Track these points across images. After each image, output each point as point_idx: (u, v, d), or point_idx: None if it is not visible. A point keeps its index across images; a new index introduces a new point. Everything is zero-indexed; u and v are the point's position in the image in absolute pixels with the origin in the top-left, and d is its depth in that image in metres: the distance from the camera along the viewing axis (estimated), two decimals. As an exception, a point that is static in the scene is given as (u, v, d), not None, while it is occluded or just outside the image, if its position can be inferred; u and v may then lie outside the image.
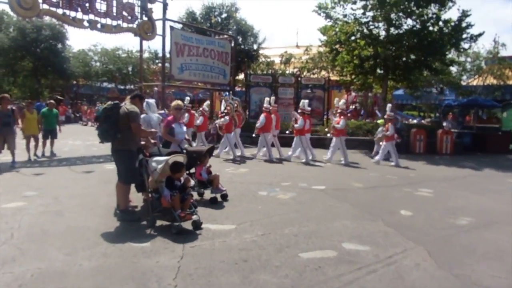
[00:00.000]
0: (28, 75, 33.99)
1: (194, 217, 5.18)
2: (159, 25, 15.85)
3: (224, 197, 6.89)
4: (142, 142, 5.87)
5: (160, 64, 17.80)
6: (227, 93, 15.40)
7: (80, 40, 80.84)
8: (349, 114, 25.26)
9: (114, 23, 14.29)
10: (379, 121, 15.67)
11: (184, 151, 6.57)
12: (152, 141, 6.08)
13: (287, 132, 14.88)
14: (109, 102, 5.59)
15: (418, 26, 16.25)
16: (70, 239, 4.63)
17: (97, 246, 4.44)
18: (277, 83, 20.82)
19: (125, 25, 14.66)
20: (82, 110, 32.84)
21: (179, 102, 6.96)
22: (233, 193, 7.18)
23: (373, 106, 26.67)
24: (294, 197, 7.28)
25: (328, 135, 13.39)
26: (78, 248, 4.34)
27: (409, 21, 16.61)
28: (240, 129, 13.74)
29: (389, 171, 10.77)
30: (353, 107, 25.56)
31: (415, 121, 23.21)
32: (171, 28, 16.74)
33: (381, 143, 12.80)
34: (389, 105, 13.06)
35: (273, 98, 13.99)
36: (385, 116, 12.99)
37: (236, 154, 12.80)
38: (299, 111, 12.99)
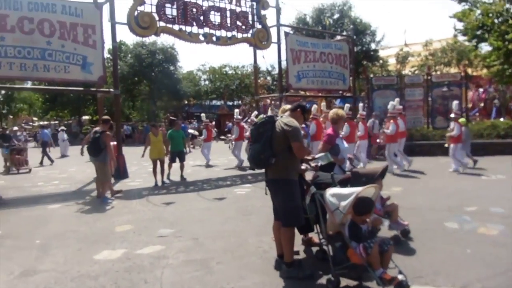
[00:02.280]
0: (145, 98, 35.89)
1: (400, 276, 3.48)
2: (273, 32, 14.78)
3: (405, 233, 5.10)
4: (303, 167, 4.40)
5: (264, 78, 17.18)
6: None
7: (189, 61, 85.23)
8: (477, 114, 21.60)
9: (229, 34, 13.53)
10: None
11: (349, 173, 4.91)
12: (312, 164, 4.58)
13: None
14: (262, 116, 4.22)
15: None
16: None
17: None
18: (403, 84, 18.34)
19: (239, 35, 13.83)
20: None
21: (340, 111, 5.37)
22: (411, 226, 5.32)
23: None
24: (503, 231, 5.18)
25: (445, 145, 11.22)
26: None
27: None
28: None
29: None
30: (482, 104, 21.82)
31: None
32: (286, 34, 15.52)
33: None
34: None
35: (397, 100, 12.22)
36: None
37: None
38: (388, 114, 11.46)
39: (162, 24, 11.85)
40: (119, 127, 12.10)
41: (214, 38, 13.13)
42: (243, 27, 13.86)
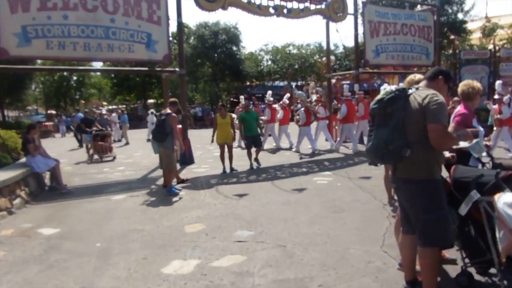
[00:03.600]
0: (208, 80, 35.47)
1: None
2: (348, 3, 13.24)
3: None
4: (448, 155, 3.14)
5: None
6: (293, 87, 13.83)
7: (251, 41, 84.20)
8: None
9: (301, 6, 12.19)
10: None
11: (490, 168, 3.52)
12: (448, 154, 3.30)
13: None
14: (388, 88, 3.02)
15: None
16: None
17: None
18: (497, 58, 15.99)
19: (312, 6, 12.47)
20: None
21: (476, 83, 4.00)
22: None
23: None
24: None
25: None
26: None
27: None
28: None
29: None
30: None
31: None
32: (364, 4, 13.85)
33: None
34: None
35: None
36: None
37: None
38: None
39: (230, -4, 10.82)
40: (185, 109, 11.33)
41: (285, 11, 11.90)
42: (317, -3, 12.47)
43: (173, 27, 14.97)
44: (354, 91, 12.68)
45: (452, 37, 18.20)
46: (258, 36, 77.88)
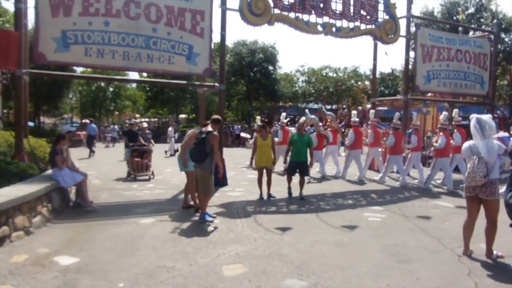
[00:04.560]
0: (241, 98, 35.09)
1: None
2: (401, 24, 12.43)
3: None
4: None
5: (362, 82, 14.85)
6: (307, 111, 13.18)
7: (287, 62, 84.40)
8: None
9: (351, 25, 11.47)
10: None
11: None
12: None
13: None
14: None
15: None
16: None
17: None
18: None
19: (363, 26, 11.72)
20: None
21: None
22: None
23: None
24: None
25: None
26: None
27: None
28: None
29: None
30: None
31: None
32: (417, 26, 13.02)
33: None
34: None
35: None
36: None
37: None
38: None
39: (277, 11, 10.19)
40: (222, 126, 10.67)
41: (333, 29, 11.18)
42: (368, 17, 11.70)
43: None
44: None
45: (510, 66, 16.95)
46: (294, 57, 77.81)
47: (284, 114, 13.67)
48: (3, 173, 6.37)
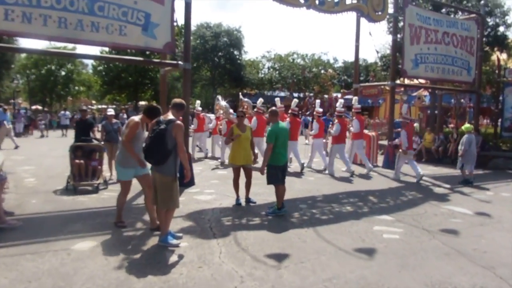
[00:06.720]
0: (205, 84, 33.06)
1: None
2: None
3: None
4: None
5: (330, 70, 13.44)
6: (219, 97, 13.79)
7: (253, 48, 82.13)
8: None
9: (336, -1, 9.95)
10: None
11: None
12: None
13: None
14: None
15: None
16: None
17: None
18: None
19: (349, 0, 10.20)
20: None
21: None
22: None
23: None
24: None
25: None
26: None
27: None
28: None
29: None
30: None
31: None
32: (405, 2, 11.61)
33: None
34: None
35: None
36: None
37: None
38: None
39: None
40: (188, 113, 8.87)
41: (317, 2, 9.65)
42: (355, -10, 10.24)
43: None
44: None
45: (496, 52, 16.01)
46: (260, 42, 76.02)
47: (261, 99, 11.82)
48: None
